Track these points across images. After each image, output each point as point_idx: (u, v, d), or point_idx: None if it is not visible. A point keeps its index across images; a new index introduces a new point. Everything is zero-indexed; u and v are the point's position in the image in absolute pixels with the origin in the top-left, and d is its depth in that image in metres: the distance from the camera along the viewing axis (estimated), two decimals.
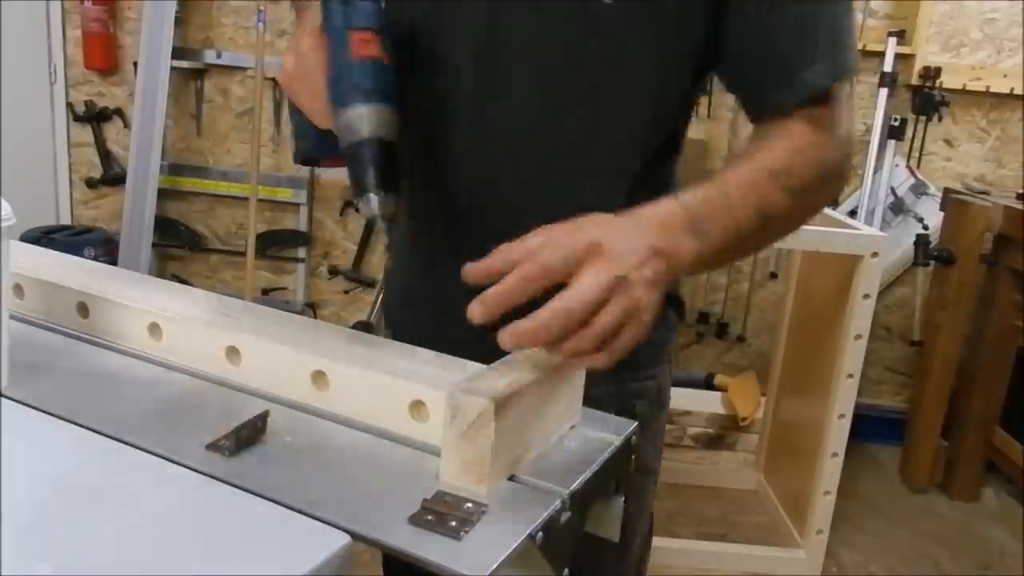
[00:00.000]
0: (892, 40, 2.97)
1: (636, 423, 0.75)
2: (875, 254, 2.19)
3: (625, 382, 0.97)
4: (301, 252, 3.39)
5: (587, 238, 0.66)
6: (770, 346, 3.19)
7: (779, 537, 2.60)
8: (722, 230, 0.76)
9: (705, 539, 2.56)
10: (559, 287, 0.65)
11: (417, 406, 0.73)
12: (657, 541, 1.25)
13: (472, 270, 0.67)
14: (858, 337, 2.25)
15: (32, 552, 0.53)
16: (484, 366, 0.73)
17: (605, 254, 0.66)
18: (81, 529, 0.56)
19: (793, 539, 2.52)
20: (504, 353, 0.69)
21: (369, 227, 3.34)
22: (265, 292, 3.40)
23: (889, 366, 3.40)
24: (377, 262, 3.41)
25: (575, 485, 0.64)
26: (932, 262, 2.95)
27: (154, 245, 3.32)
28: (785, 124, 0.85)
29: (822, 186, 0.86)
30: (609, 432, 0.74)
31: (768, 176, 0.80)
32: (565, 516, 0.62)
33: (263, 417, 0.70)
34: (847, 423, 2.32)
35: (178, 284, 1.00)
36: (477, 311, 0.64)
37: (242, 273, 3.28)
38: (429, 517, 0.58)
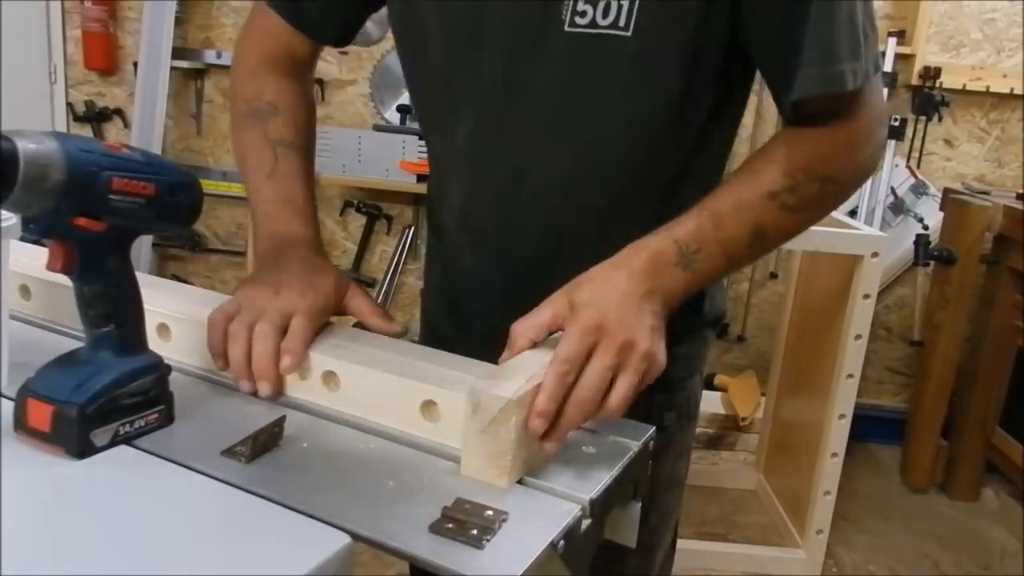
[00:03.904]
0: (892, 40, 2.97)
1: (654, 428, 0.75)
2: (875, 254, 2.19)
3: (654, 393, 0.97)
4: None
5: (590, 320, 0.72)
6: (770, 346, 3.19)
7: (779, 537, 2.60)
8: (711, 256, 0.81)
9: (705, 539, 2.56)
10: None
11: (428, 406, 0.73)
12: None
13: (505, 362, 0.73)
14: (858, 337, 2.25)
15: (34, 552, 0.53)
16: (495, 365, 0.73)
17: (608, 330, 0.72)
18: (82, 529, 0.56)
19: (793, 539, 2.52)
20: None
21: (369, 227, 3.33)
22: None
23: (889, 366, 3.41)
24: (377, 262, 3.40)
25: (595, 492, 0.64)
26: (932, 262, 2.95)
27: (154, 245, 3.32)
28: (799, 132, 0.85)
29: (825, 200, 0.86)
30: (628, 438, 0.74)
31: (767, 197, 0.82)
32: (586, 523, 0.62)
33: (279, 423, 0.70)
34: (847, 423, 2.32)
35: (185, 285, 1.00)
36: (538, 424, 0.67)
37: (242, 273, 3.27)
38: (449, 525, 0.58)
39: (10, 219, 0.75)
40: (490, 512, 0.60)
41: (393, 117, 3.20)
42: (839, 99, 0.81)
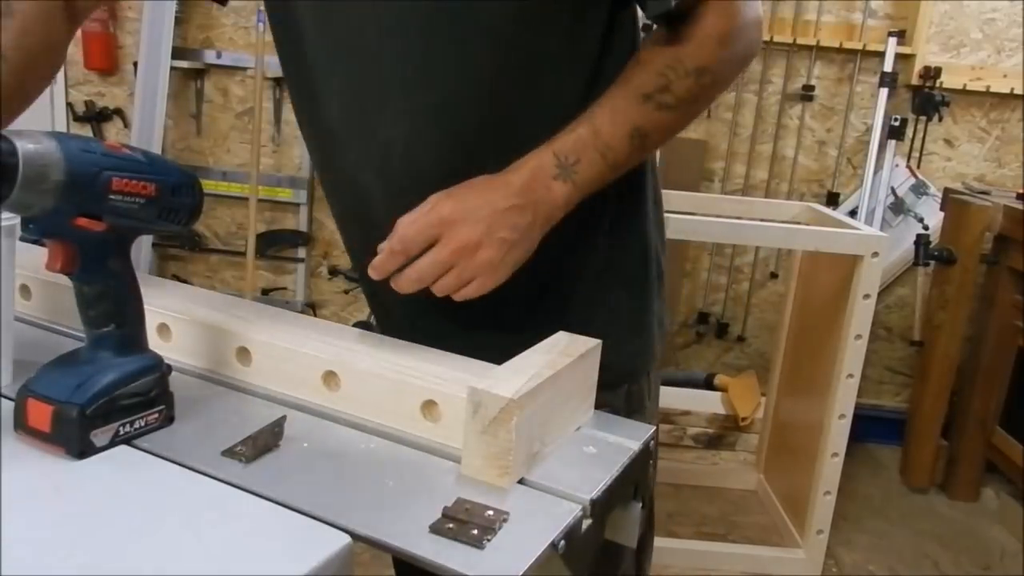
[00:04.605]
0: (892, 40, 2.97)
1: (654, 428, 0.75)
2: (875, 254, 2.19)
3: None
4: (301, 252, 3.38)
5: (441, 213, 0.79)
6: (770, 346, 3.19)
7: (779, 537, 2.60)
8: (592, 165, 0.84)
9: (705, 539, 2.56)
10: None
11: (429, 406, 0.73)
12: (657, 541, 1.24)
13: (378, 249, 0.81)
14: (858, 337, 2.25)
15: (34, 552, 0.53)
16: (495, 365, 0.73)
17: (454, 226, 0.79)
18: (82, 529, 0.56)
19: (793, 539, 2.52)
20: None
21: None
22: (265, 292, 3.39)
23: (889, 366, 3.41)
24: None
25: (595, 492, 0.64)
26: (932, 262, 2.95)
27: (154, 245, 3.32)
28: (662, 35, 0.86)
29: (703, 92, 0.87)
30: (628, 438, 0.75)
31: (641, 99, 0.84)
32: (586, 524, 0.62)
33: (280, 423, 0.70)
34: (847, 423, 2.32)
35: (186, 285, 1.00)
36: (371, 273, 0.82)
37: (242, 273, 3.27)
38: (450, 525, 0.58)
39: (12, 219, 0.75)
40: (491, 512, 0.60)
41: None
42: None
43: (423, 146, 0.90)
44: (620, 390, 1.01)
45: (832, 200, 3.19)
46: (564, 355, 0.74)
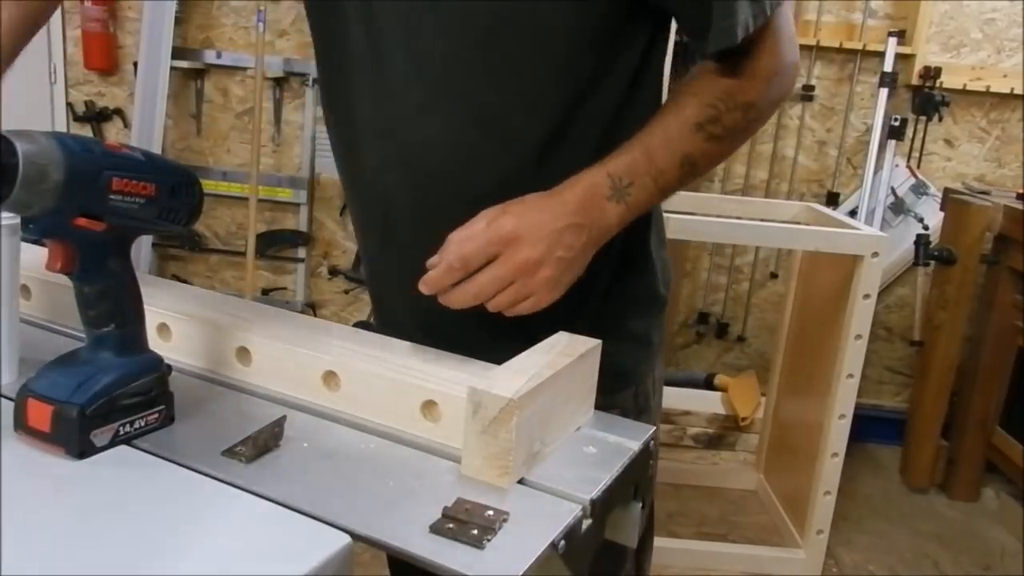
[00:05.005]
0: (892, 40, 2.97)
1: (654, 428, 0.75)
2: (875, 254, 2.19)
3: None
4: (301, 252, 3.38)
5: (502, 231, 0.78)
6: (770, 346, 3.19)
7: (779, 537, 2.60)
8: (644, 188, 0.85)
9: (705, 539, 2.56)
10: None
11: (429, 406, 0.73)
12: (657, 541, 1.25)
13: (430, 264, 0.80)
14: (858, 337, 2.25)
15: (34, 552, 0.53)
16: (495, 365, 0.74)
17: (516, 243, 0.78)
18: (82, 529, 0.56)
19: (793, 539, 2.52)
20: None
21: None
22: (265, 292, 3.39)
23: (889, 366, 3.40)
24: None
25: (595, 492, 0.64)
26: (932, 262, 2.95)
27: (154, 245, 3.32)
28: (715, 68, 0.88)
29: (748, 125, 0.90)
30: (628, 438, 0.75)
31: (693, 129, 0.86)
32: (586, 524, 0.62)
33: (279, 423, 0.70)
34: (847, 423, 2.32)
35: (185, 285, 1.00)
36: (423, 288, 0.80)
37: (242, 273, 3.27)
38: (450, 526, 0.58)
39: (12, 218, 0.75)
40: (491, 512, 0.60)
41: None
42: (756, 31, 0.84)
43: (461, 150, 0.90)
44: (627, 391, 1.02)
45: (832, 200, 3.19)
46: (564, 355, 0.75)
